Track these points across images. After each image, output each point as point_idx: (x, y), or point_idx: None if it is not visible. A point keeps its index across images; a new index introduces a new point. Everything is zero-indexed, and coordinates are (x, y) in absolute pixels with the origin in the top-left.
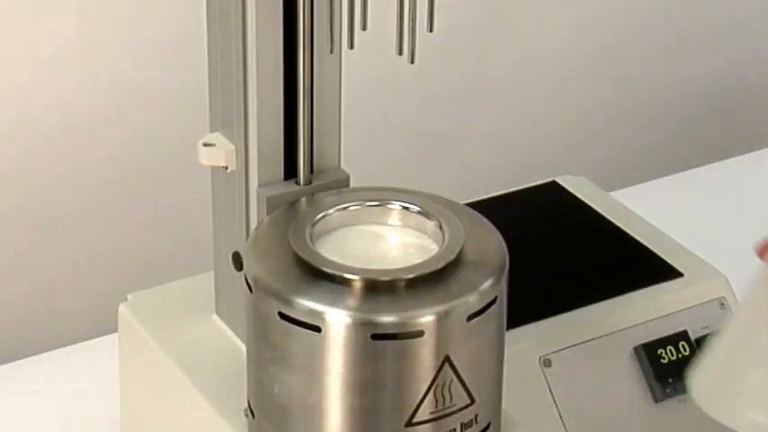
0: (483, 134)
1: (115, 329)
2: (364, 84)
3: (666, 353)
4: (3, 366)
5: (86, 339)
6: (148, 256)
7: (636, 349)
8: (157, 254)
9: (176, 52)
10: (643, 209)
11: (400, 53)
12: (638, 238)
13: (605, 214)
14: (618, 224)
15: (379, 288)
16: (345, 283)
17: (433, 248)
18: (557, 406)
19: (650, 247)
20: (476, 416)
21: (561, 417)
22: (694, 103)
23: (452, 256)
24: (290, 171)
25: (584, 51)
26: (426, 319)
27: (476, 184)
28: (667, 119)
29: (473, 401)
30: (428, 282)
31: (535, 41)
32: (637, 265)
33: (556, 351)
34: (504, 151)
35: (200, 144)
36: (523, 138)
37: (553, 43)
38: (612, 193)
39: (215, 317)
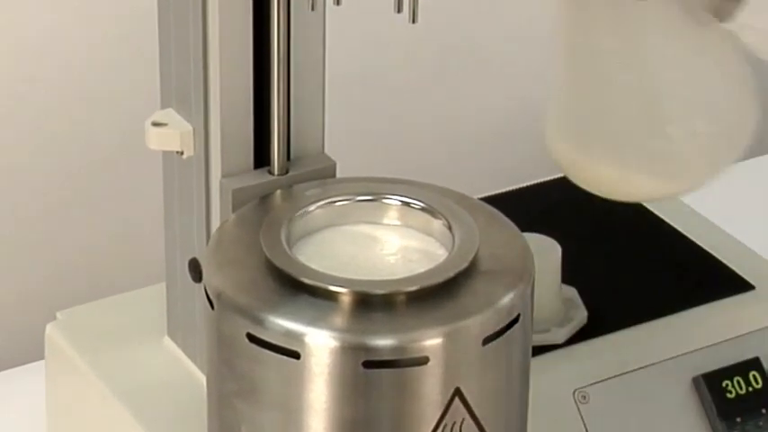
0: (499, 115)
1: (41, 356)
2: (354, 50)
3: (733, 385)
4: None
5: (6, 369)
6: (83, 263)
7: (695, 380)
8: (94, 261)
9: (114, 5)
10: (700, 202)
11: (399, 11)
12: (694, 239)
13: (654, 210)
14: (669, 222)
15: (372, 304)
16: (331, 297)
17: (441, 254)
18: None
19: (711, 251)
20: None
21: None
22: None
23: (464, 264)
24: (262, 157)
25: None
26: (431, 342)
27: (490, 176)
28: None
29: None
30: (434, 296)
31: None
32: (695, 275)
33: (594, 383)
34: (525, 136)
35: (148, 123)
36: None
37: None
38: None
39: (166, 339)
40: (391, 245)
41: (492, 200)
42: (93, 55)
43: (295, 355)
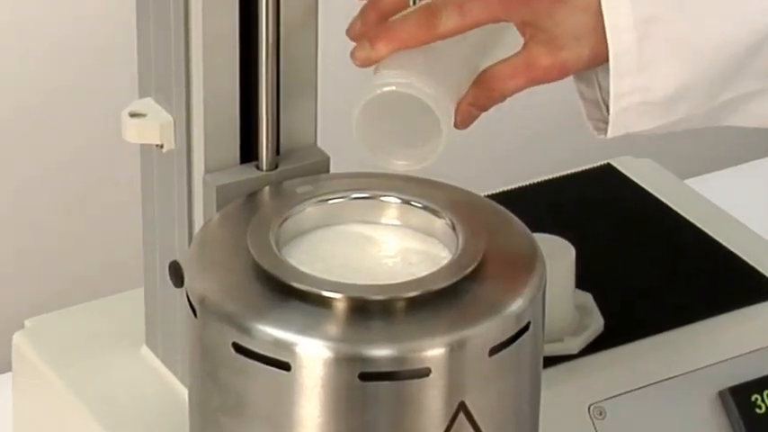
0: (504, 106)
1: (8, 367)
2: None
3: (763, 399)
4: None
5: None
6: (53, 267)
7: (721, 394)
8: (66, 265)
9: None
10: (725, 200)
11: None
12: (721, 240)
13: (677, 208)
14: (694, 221)
15: (369, 311)
16: (324, 303)
17: (444, 256)
18: None
19: (739, 253)
20: None
21: None
22: None
23: (469, 268)
24: (249, 151)
25: None
26: (434, 352)
27: (502, 170)
28: None
29: None
30: (436, 302)
31: None
32: (720, 280)
33: (611, 397)
34: (543, 125)
35: (125, 114)
36: (568, 107)
37: None
38: (687, 181)
39: (144, 349)
40: (390, 246)
41: (499, 197)
42: (67, 39)
43: (285, 366)
